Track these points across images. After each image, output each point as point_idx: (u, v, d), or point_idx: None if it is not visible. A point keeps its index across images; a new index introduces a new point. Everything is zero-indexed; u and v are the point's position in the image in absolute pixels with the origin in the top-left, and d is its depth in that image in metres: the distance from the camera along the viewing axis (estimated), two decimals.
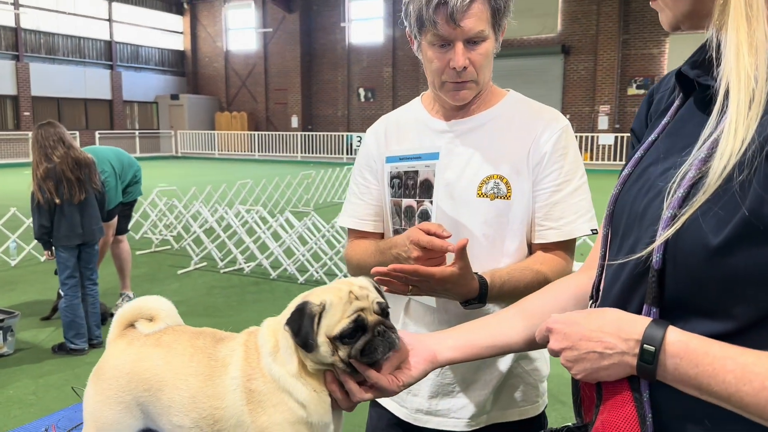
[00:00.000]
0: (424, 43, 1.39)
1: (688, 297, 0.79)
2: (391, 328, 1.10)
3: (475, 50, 1.36)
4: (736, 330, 0.76)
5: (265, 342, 1.14)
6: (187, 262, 7.19)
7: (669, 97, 1.00)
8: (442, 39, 1.34)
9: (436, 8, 1.30)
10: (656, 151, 0.93)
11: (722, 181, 0.75)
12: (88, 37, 26.33)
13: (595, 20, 21.50)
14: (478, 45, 1.36)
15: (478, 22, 1.32)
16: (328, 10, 26.88)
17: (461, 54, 1.34)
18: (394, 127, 1.58)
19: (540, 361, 1.55)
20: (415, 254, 1.28)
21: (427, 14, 1.31)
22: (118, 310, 1.29)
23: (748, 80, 0.75)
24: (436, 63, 1.38)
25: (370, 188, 1.58)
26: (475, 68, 1.37)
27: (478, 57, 1.36)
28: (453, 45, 1.34)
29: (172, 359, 1.18)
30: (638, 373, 0.81)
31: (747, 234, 0.73)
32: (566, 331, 0.88)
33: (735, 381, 0.72)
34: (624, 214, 0.92)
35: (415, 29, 1.38)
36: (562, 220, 1.42)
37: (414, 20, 1.36)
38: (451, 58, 1.35)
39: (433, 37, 1.35)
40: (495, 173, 1.42)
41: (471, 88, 1.41)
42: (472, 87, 1.41)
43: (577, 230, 1.43)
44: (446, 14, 1.29)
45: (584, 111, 22.14)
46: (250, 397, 1.11)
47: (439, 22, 1.31)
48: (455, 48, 1.34)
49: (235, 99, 29.69)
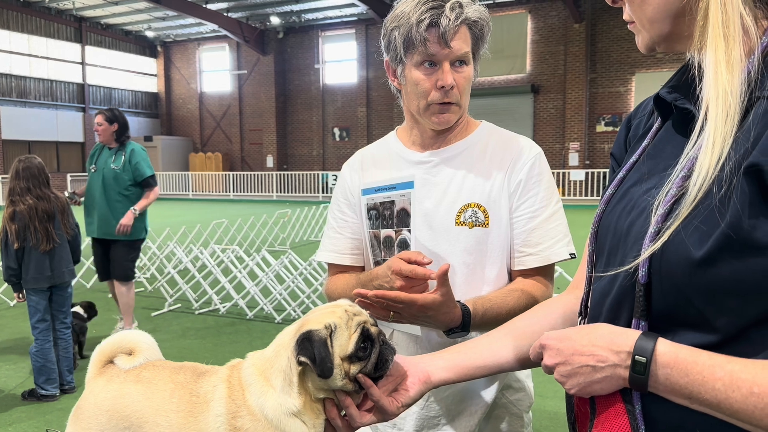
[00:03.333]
0: (409, 66, 1.42)
1: (675, 309, 0.81)
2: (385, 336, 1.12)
3: (460, 72, 1.40)
4: (721, 340, 0.78)
5: (252, 379, 1.11)
6: (161, 304, 7.04)
7: (647, 121, 1.03)
8: (430, 58, 1.38)
9: (428, 28, 1.35)
10: (638, 172, 0.95)
11: (702, 195, 0.77)
12: (61, 80, 26.25)
13: (563, 60, 22.17)
14: (462, 67, 1.41)
15: (464, 45, 1.38)
16: (302, 52, 27.27)
17: (449, 72, 1.38)
18: (369, 160, 1.60)
19: (524, 392, 1.54)
20: (398, 284, 1.29)
21: (418, 34, 1.35)
22: (96, 347, 1.25)
23: (726, 97, 0.78)
24: (423, 84, 1.41)
25: (348, 222, 1.58)
26: (459, 90, 1.41)
27: (462, 80, 1.41)
28: (440, 65, 1.38)
29: (152, 395, 1.15)
30: (631, 385, 0.82)
31: (728, 247, 0.75)
32: (559, 347, 0.89)
33: (724, 388, 0.74)
34: (609, 233, 0.94)
35: (402, 52, 1.41)
36: (540, 246, 1.44)
37: (401, 43, 1.40)
38: (438, 78, 1.39)
39: (421, 57, 1.39)
40: (472, 201, 1.44)
41: (454, 111, 1.44)
42: (455, 110, 1.44)
43: (555, 255, 1.44)
44: (438, 34, 1.35)
45: (555, 148, 22.59)
46: None
47: (429, 41, 1.35)
48: (443, 67, 1.38)
49: (209, 140, 29.67)
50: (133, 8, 25.10)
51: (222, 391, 1.11)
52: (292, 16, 25.70)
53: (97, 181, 5.53)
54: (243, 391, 1.10)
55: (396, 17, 1.40)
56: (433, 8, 1.34)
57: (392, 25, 1.41)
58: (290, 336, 1.10)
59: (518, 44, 22.98)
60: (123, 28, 28.47)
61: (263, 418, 1.07)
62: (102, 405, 1.16)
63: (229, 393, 1.11)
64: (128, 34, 29.02)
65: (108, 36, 28.10)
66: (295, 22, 26.47)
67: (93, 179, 5.57)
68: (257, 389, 1.09)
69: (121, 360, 1.21)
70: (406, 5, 1.39)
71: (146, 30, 28.57)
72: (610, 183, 1.02)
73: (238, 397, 1.10)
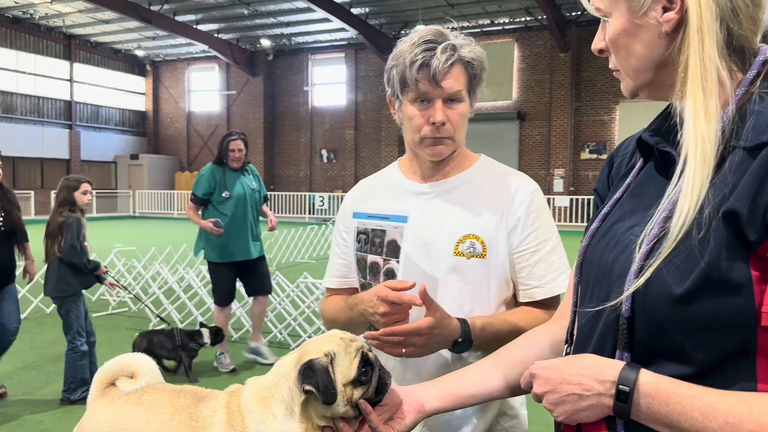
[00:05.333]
0: (405, 102, 1.49)
1: (656, 342, 0.87)
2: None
3: (453, 109, 1.47)
4: (699, 372, 0.83)
5: (252, 406, 1.14)
6: (146, 325, 6.99)
7: (629, 160, 1.10)
8: (423, 96, 1.45)
9: (420, 69, 1.42)
10: (621, 209, 1.01)
11: (682, 236, 0.84)
12: (48, 97, 26.16)
13: (549, 89, 22.54)
14: (455, 104, 1.48)
15: (456, 83, 1.45)
16: (291, 74, 27.46)
17: (440, 110, 1.45)
18: (370, 190, 1.67)
19: (518, 419, 1.58)
20: (381, 310, 1.34)
21: (411, 75, 1.43)
22: (99, 369, 1.28)
23: (704, 144, 0.85)
24: (417, 119, 1.48)
25: (349, 248, 1.62)
26: (452, 126, 1.48)
27: (455, 116, 1.48)
28: (433, 103, 1.46)
29: (152, 418, 1.18)
30: (615, 413, 0.86)
31: (706, 285, 0.81)
32: (548, 376, 0.93)
33: (701, 417, 0.79)
34: (594, 266, 1.00)
35: (398, 89, 1.49)
36: (545, 278, 1.49)
37: (397, 81, 1.48)
38: (431, 115, 1.46)
39: (414, 95, 1.46)
40: (471, 233, 1.49)
41: (448, 144, 1.50)
42: (449, 143, 1.51)
43: (559, 287, 1.50)
44: (429, 75, 1.42)
45: (540, 174, 22.83)
46: None
47: (421, 81, 1.43)
48: (435, 105, 1.45)
49: (196, 159, 29.61)
50: (124, 27, 25.18)
51: (222, 416, 1.14)
52: (283, 38, 25.94)
53: (241, 205, 5.45)
54: (242, 418, 1.13)
55: (394, 56, 1.48)
56: (427, 50, 1.42)
57: (391, 63, 1.49)
58: (291, 366, 1.13)
59: (505, 72, 23.34)
60: (112, 46, 28.51)
61: None
62: (103, 427, 1.19)
63: (229, 419, 1.14)
64: (117, 52, 29.06)
65: (97, 54, 28.11)
66: (285, 45, 26.70)
67: (235, 204, 5.43)
68: (257, 416, 1.12)
69: (122, 382, 1.24)
70: (404, 45, 1.47)
71: (136, 49, 28.64)
72: (594, 217, 1.08)
73: (237, 424, 1.13)
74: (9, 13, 23.91)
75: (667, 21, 0.90)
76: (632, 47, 0.94)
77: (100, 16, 23.65)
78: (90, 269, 4.63)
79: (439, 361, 1.48)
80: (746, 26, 0.88)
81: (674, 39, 0.90)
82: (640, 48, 0.94)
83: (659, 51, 0.92)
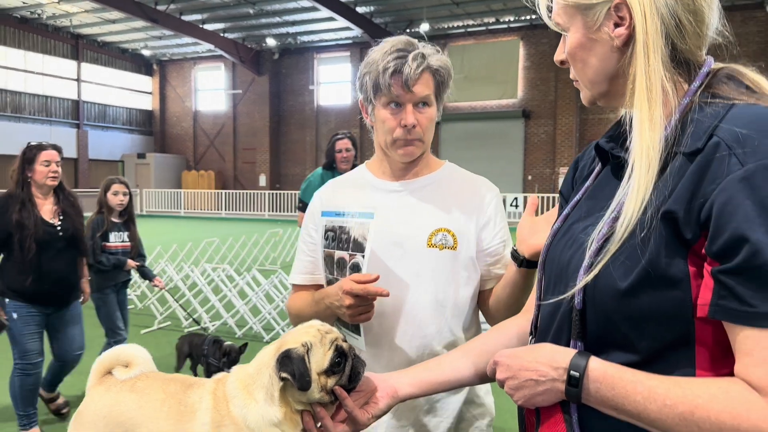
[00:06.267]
0: (378, 106, 1.60)
1: (605, 333, 0.95)
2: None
3: (422, 113, 1.58)
4: (643, 360, 0.91)
5: (236, 392, 1.22)
6: (151, 322, 7.10)
7: (591, 164, 1.17)
8: (395, 100, 1.56)
9: (392, 75, 1.53)
10: (580, 210, 1.09)
11: (627, 235, 0.91)
12: (56, 96, 26.40)
13: (554, 86, 22.55)
14: (425, 108, 1.58)
15: (426, 89, 1.56)
16: (297, 73, 27.58)
17: (411, 113, 1.56)
18: (339, 189, 1.76)
19: (484, 407, 1.67)
20: (347, 302, 1.43)
21: (384, 80, 1.53)
22: (96, 359, 1.37)
23: (649, 151, 0.92)
24: (389, 122, 1.58)
25: (317, 245, 1.71)
26: (421, 128, 1.58)
27: (425, 119, 1.58)
28: (404, 107, 1.56)
29: (145, 404, 1.26)
30: (567, 397, 0.95)
31: (647, 281, 0.88)
32: (509, 363, 1.02)
33: (643, 400, 0.87)
34: (554, 263, 1.08)
35: (371, 94, 1.59)
36: None
37: (371, 86, 1.58)
38: (402, 118, 1.56)
39: (387, 99, 1.57)
40: (443, 227, 1.60)
41: (418, 145, 1.61)
42: (419, 145, 1.61)
43: None
44: (401, 81, 1.53)
45: (545, 172, 22.87)
46: None
47: (393, 86, 1.53)
48: (406, 109, 1.56)
49: (202, 158, 29.81)
50: (131, 27, 25.37)
51: (208, 402, 1.23)
52: (288, 38, 26.06)
53: None
54: (227, 403, 1.22)
55: (367, 64, 1.59)
56: (398, 57, 1.53)
57: (364, 70, 1.60)
58: (270, 355, 1.22)
59: (510, 70, 23.38)
60: (119, 46, 28.73)
61: (246, 427, 1.19)
62: (100, 411, 1.28)
63: (215, 404, 1.22)
64: (124, 52, 29.27)
65: (104, 53, 28.32)
66: (291, 44, 26.82)
67: None
68: (240, 401, 1.21)
69: (118, 371, 1.33)
70: (377, 54, 1.57)
71: (143, 48, 28.83)
72: (557, 218, 1.15)
73: (222, 408, 1.21)
74: (17, 13, 24.13)
75: (618, 36, 0.97)
76: (588, 60, 1.02)
77: (107, 15, 23.84)
78: (108, 266, 4.65)
79: (409, 355, 1.57)
80: (690, 42, 0.95)
81: (625, 53, 0.97)
82: (595, 61, 1.01)
83: (612, 63, 0.99)
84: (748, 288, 0.79)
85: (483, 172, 1.81)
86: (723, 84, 0.95)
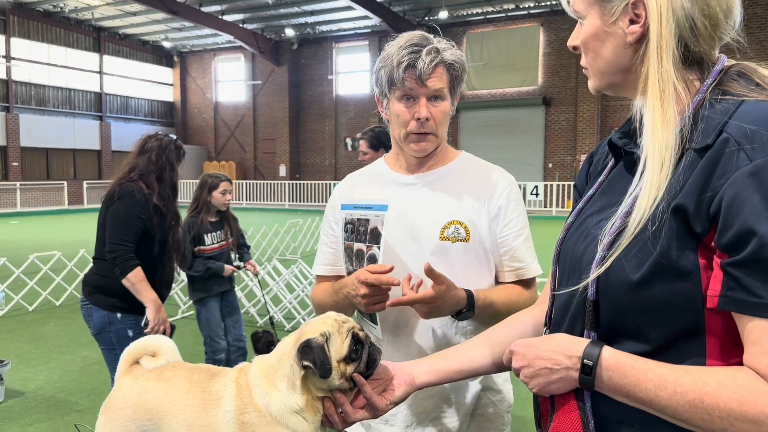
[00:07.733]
0: (393, 100, 1.62)
1: (618, 323, 0.97)
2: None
3: (436, 107, 1.60)
4: (654, 349, 0.94)
5: (258, 381, 1.27)
6: (175, 311, 7.23)
7: (605, 159, 1.19)
8: (409, 93, 1.58)
9: (407, 69, 1.56)
10: (593, 204, 1.11)
11: (639, 229, 0.93)
12: (79, 89, 26.80)
13: (575, 73, 22.26)
14: (438, 102, 1.60)
15: (439, 82, 1.58)
16: (316, 63, 27.63)
17: (424, 106, 1.58)
18: (358, 182, 1.81)
19: (503, 394, 1.70)
20: (362, 292, 1.47)
21: (398, 75, 1.56)
22: (125, 349, 1.42)
23: (661, 151, 0.94)
24: (403, 116, 1.61)
25: (338, 238, 1.75)
26: (435, 122, 1.60)
27: (438, 113, 1.60)
28: (418, 100, 1.58)
29: (171, 392, 1.31)
30: (580, 385, 0.97)
31: (659, 272, 0.90)
32: (524, 352, 1.05)
33: (654, 388, 0.89)
34: (568, 256, 1.10)
35: (386, 88, 1.62)
36: (526, 261, 1.65)
37: (385, 81, 1.61)
38: (416, 111, 1.59)
39: (401, 93, 1.59)
40: (455, 219, 1.62)
41: (431, 140, 1.63)
42: (432, 140, 1.63)
43: (537, 270, 1.67)
44: (415, 75, 1.55)
45: (566, 160, 22.68)
46: (243, 429, 1.24)
47: (407, 79, 1.56)
48: (420, 102, 1.58)
49: (223, 149, 30.07)
50: (151, 19, 25.60)
51: (231, 390, 1.27)
52: (307, 27, 26.09)
53: None
54: (250, 391, 1.26)
55: (383, 58, 1.61)
56: (413, 52, 1.55)
57: (379, 65, 1.63)
58: (291, 345, 1.26)
59: (530, 57, 23.16)
60: (140, 38, 29.01)
61: (268, 414, 1.23)
62: (128, 399, 1.33)
63: (238, 392, 1.27)
64: (145, 44, 29.56)
65: (125, 46, 28.64)
66: (310, 34, 26.85)
67: None
68: (263, 390, 1.25)
69: (145, 361, 1.38)
70: (392, 48, 1.60)
71: (163, 40, 29.09)
72: (571, 212, 1.17)
73: (245, 396, 1.26)
74: (40, 7, 24.51)
75: (632, 33, 0.98)
76: (600, 51, 1.03)
77: (128, 8, 24.08)
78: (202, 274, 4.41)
79: (426, 344, 1.61)
80: (704, 43, 0.96)
81: (638, 50, 0.98)
82: (607, 52, 1.02)
83: (623, 58, 1.00)
84: (756, 279, 0.81)
85: (503, 160, 1.82)
86: (733, 81, 0.96)
